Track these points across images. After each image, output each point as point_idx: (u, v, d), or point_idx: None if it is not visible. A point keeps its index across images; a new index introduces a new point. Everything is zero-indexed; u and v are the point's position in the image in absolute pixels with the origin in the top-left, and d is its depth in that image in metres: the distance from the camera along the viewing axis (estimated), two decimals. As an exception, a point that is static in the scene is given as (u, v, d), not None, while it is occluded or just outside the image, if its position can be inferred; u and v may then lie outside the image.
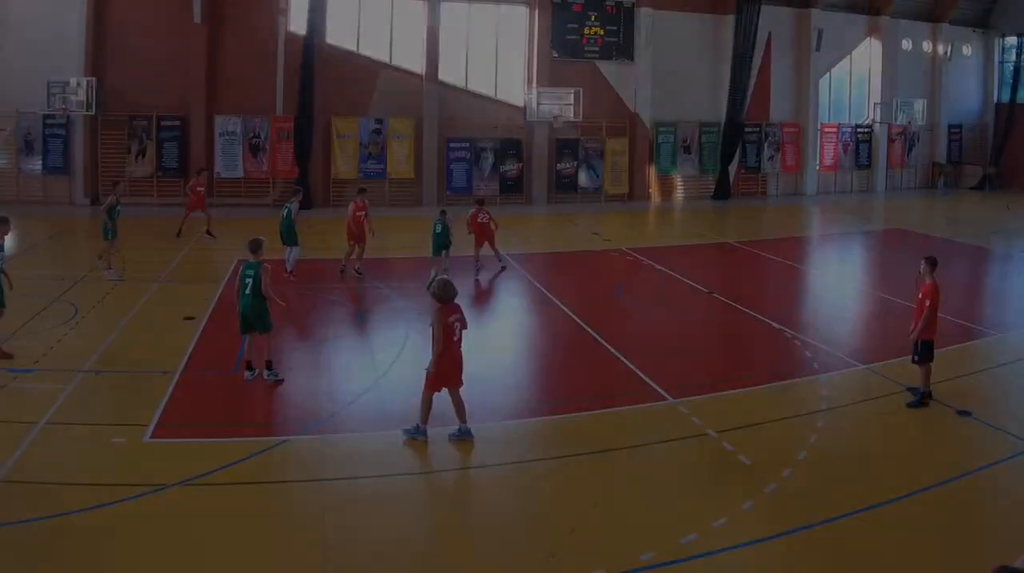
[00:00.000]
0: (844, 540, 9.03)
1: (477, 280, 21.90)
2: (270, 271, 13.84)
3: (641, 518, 9.52)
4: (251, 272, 13.54)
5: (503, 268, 22.69)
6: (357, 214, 21.67)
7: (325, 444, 11.43)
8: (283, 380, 13.76)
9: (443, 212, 22.16)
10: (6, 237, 14.45)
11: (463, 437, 11.53)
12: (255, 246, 13.90)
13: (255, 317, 13.63)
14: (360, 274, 21.52)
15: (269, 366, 13.76)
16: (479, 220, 22.70)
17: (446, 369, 11.40)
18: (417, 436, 11.47)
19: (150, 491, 9.74)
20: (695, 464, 11.12)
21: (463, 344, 11.67)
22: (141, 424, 11.64)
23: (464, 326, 11.60)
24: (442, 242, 21.49)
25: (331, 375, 14.31)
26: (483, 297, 21.24)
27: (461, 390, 11.61)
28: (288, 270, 20.68)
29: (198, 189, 26.59)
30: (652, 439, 11.78)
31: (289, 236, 21.01)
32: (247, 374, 13.81)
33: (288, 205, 21.38)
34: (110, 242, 20.67)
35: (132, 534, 8.82)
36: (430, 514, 9.90)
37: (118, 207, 20.73)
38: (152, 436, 11.37)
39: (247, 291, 13.52)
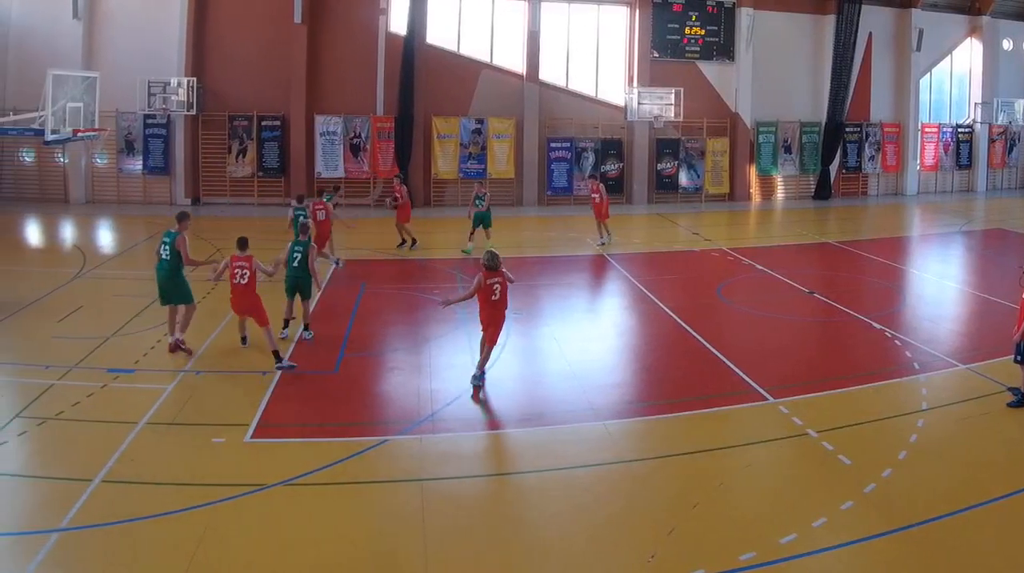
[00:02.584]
0: (944, 541, 9.03)
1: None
2: (316, 250, 16.25)
3: (741, 518, 9.59)
4: (300, 249, 16.03)
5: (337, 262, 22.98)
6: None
7: (424, 444, 11.55)
8: (313, 338, 16.00)
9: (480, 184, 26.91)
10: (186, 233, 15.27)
11: (475, 383, 13.56)
12: (304, 229, 16.59)
13: (300, 285, 16.06)
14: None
15: (306, 327, 16.32)
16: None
17: (485, 320, 13.59)
18: (474, 382, 13.61)
19: (251, 491, 9.93)
20: (795, 464, 11.18)
21: (506, 303, 13.66)
22: (242, 424, 11.90)
23: (508, 284, 13.73)
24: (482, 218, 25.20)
25: (430, 375, 14.41)
26: (583, 296, 21.54)
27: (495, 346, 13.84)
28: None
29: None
30: (752, 439, 11.86)
31: None
32: (282, 332, 16.11)
33: None
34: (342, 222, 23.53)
35: (232, 533, 8.99)
36: (528, 514, 9.80)
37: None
38: (253, 436, 11.60)
39: (295, 264, 15.98)
